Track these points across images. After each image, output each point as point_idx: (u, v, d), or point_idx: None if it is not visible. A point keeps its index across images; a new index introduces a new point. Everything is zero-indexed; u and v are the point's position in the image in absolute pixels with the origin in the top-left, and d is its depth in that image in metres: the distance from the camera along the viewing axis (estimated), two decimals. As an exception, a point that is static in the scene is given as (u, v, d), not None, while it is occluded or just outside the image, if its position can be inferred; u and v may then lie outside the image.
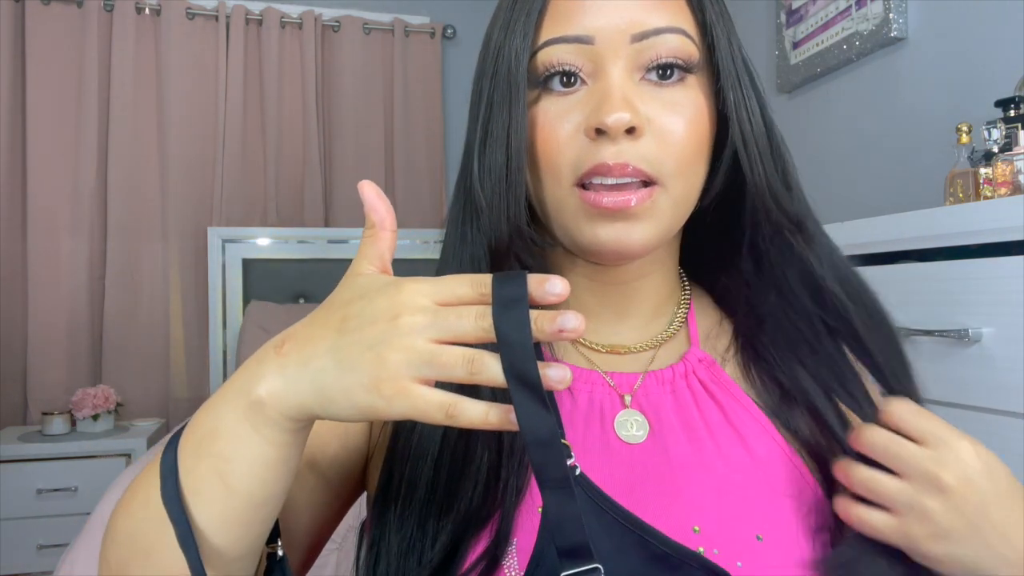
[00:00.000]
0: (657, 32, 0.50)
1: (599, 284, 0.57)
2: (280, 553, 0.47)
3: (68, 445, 2.33)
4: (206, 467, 0.41)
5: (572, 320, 0.37)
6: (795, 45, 2.05)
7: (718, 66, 0.52)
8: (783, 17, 2.10)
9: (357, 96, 3.00)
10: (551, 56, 0.50)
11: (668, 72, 0.50)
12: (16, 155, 2.66)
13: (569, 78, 0.51)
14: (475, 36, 3.21)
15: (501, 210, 0.52)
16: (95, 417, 2.45)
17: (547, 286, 0.38)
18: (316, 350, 0.39)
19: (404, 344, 0.37)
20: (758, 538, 0.48)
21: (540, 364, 0.37)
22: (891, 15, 1.69)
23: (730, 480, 0.51)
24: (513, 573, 0.47)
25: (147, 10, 2.82)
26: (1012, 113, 1.17)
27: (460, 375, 0.37)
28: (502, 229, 0.52)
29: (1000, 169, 1.12)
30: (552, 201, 0.52)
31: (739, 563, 0.47)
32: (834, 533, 0.53)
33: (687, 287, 0.61)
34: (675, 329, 0.58)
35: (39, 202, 2.66)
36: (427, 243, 2.91)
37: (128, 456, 2.37)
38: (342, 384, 0.38)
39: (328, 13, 3.02)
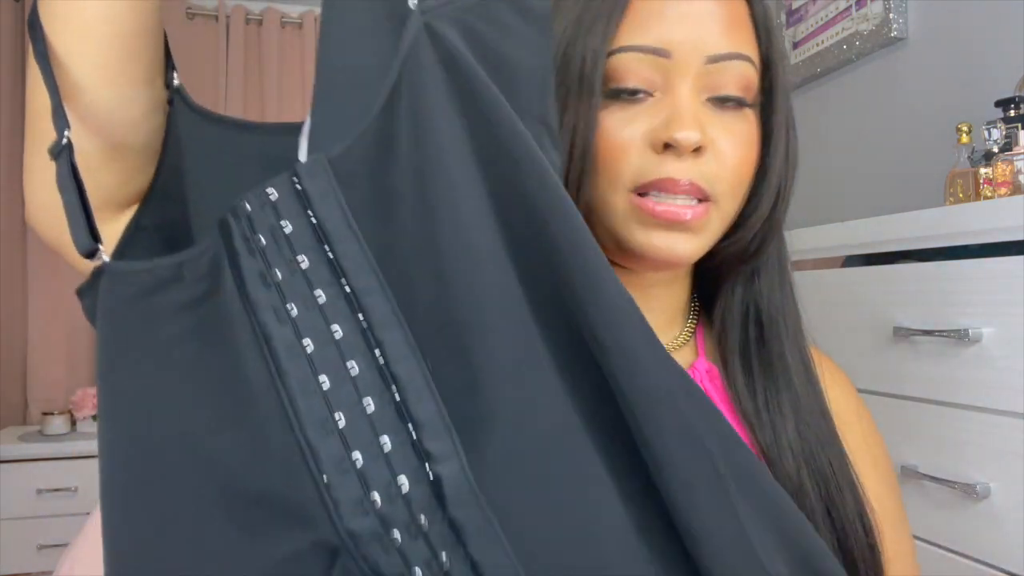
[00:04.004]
0: (730, 57, 0.50)
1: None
2: (177, 81, 0.46)
3: (68, 445, 2.32)
4: None
5: None
6: (795, 45, 2.05)
7: (774, 102, 0.53)
8: (783, 17, 2.10)
9: (357, 96, 3.00)
10: (623, 63, 0.50)
11: (728, 98, 0.51)
12: (16, 155, 2.65)
13: (635, 88, 0.51)
14: (475, 36, 3.21)
15: None
16: (95, 417, 2.45)
17: None
18: None
19: None
20: None
21: None
22: (891, 15, 1.69)
23: None
24: None
25: (147, 10, 2.82)
26: (1012, 113, 1.17)
27: None
28: None
29: (1000, 169, 1.12)
30: (603, 204, 0.52)
31: None
32: None
33: (696, 301, 0.62)
34: (684, 339, 0.59)
35: (39, 202, 2.66)
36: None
37: (128, 456, 2.37)
38: None
39: (328, 13, 3.02)
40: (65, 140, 0.38)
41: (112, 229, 0.45)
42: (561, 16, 0.52)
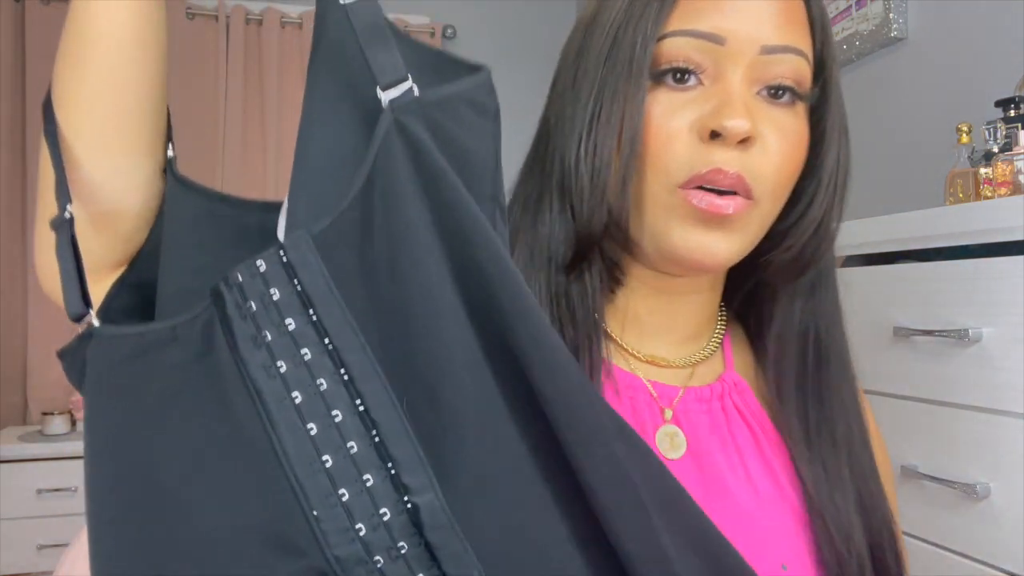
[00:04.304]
0: (785, 49, 0.49)
1: (654, 291, 0.55)
2: (171, 153, 0.48)
3: (68, 445, 2.32)
4: (61, 55, 0.43)
5: None
6: (795, 45, 2.06)
7: (827, 103, 0.52)
8: (783, 17, 2.10)
9: (357, 96, 3.00)
10: (674, 48, 0.48)
11: (780, 92, 0.50)
12: (16, 155, 2.65)
13: (684, 75, 0.49)
14: (475, 36, 3.21)
15: (600, 198, 0.49)
16: (95, 417, 2.45)
17: None
18: None
19: None
20: (783, 568, 0.48)
21: None
22: (891, 15, 1.69)
23: (759, 506, 0.51)
24: None
25: (147, 10, 2.82)
26: (1012, 113, 1.17)
27: None
28: (597, 218, 0.50)
29: (1000, 169, 1.12)
30: (646, 198, 0.50)
31: None
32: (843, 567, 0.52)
33: (724, 313, 0.61)
34: (711, 351, 0.58)
35: (39, 202, 2.66)
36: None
37: (128, 456, 2.37)
38: None
39: (328, 13, 3.02)
40: (68, 215, 0.42)
41: (100, 288, 0.46)
42: (609, 5, 0.51)
